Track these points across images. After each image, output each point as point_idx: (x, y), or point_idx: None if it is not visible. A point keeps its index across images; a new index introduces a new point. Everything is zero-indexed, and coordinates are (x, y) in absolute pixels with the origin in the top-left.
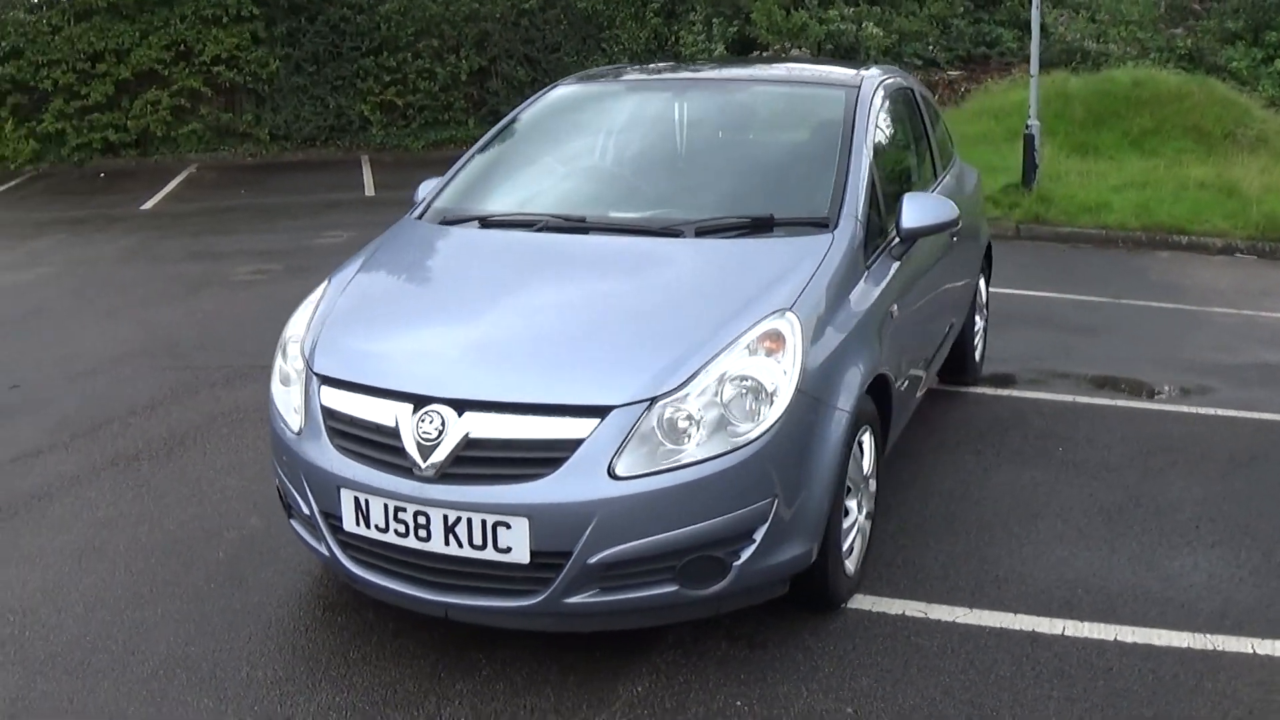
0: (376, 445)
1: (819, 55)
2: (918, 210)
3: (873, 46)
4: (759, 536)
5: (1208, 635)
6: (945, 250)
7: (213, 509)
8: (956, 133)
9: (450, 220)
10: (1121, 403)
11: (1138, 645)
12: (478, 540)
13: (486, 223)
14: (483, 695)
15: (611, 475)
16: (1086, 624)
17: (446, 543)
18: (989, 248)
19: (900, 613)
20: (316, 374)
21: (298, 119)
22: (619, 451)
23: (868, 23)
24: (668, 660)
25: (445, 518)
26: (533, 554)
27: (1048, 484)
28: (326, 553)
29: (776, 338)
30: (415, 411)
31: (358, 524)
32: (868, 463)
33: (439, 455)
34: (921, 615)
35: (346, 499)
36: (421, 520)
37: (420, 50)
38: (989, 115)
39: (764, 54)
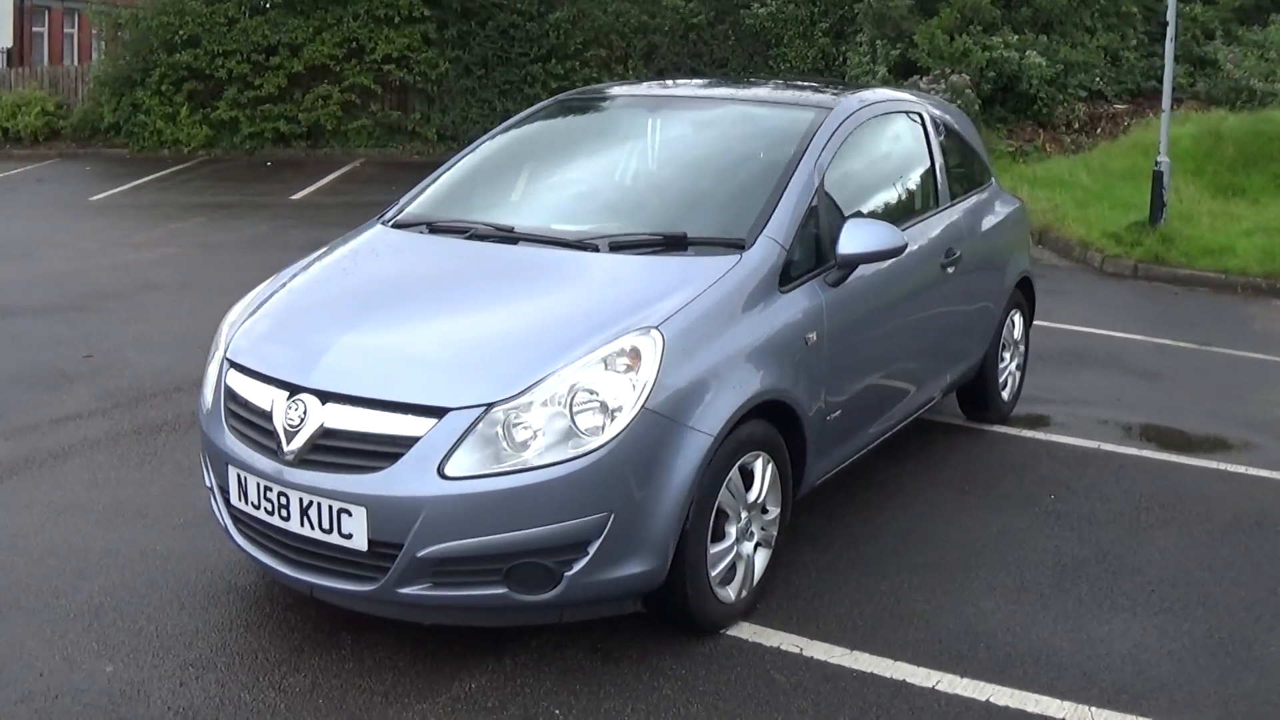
0: (256, 427)
1: (979, 83)
2: (856, 237)
3: (1035, 76)
4: (592, 550)
5: (1090, 708)
6: (937, 281)
7: (198, 480)
8: (1105, 167)
9: (405, 224)
10: (1147, 453)
11: (1007, 709)
12: (325, 525)
13: (433, 228)
14: (329, 672)
15: (441, 474)
16: (965, 680)
17: (302, 524)
18: (1027, 281)
19: (776, 645)
20: (226, 357)
21: (465, 120)
22: (451, 452)
23: (1031, 51)
24: (517, 662)
25: (301, 500)
26: (370, 542)
27: (1016, 532)
28: (222, 523)
29: (634, 354)
30: (288, 399)
31: (240, 499)
32: (758, 490)
33: (298, 441)
34: (796, 651)
35: (233, 475)
36: (283, 501)
37: (588, 59)
38: (1140, 150)
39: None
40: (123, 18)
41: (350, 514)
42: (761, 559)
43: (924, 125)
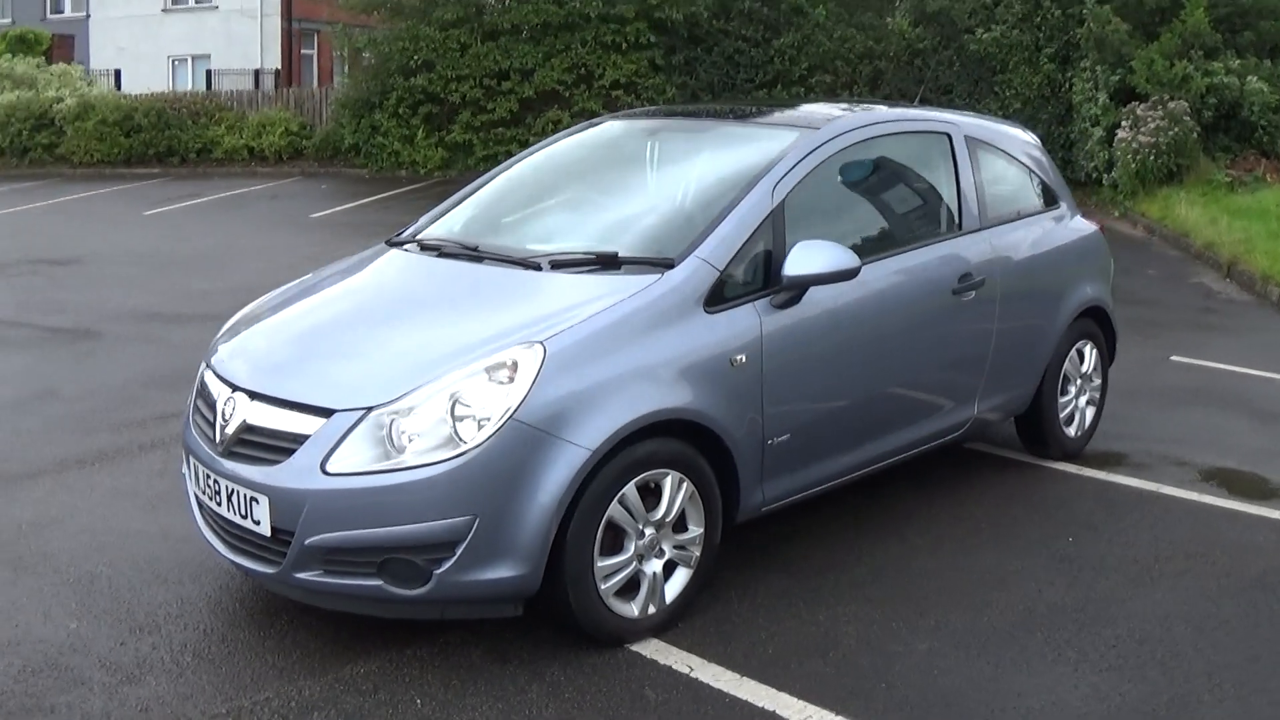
0: (207, 421)
1: (1199, 110)
2: (804, 259)
3: (1256, 103)
4: (459, 550)
5: None
6: (943, 308)
7: None
8: None
9: (401, 242)
10: (1207, 499)
11: None
12: (242, 510)
13: (422, 246)
14: (249, 645)
15: (323, 470)
16: (837, 719)
17: (228, 509)
18: (1101, 313)
19: (669, 664)
20: (207, 361)
21: None
22: (333, 450)
23: (1253, 77)
24: (416, 653)
25: (226, 487)
26: (273, 529)
27: (1004, 575)
28: (190, 507)
29: (514, 366)
30: (228, 396)
31: (195, 484)
32: (666, 508)
33: (226, 433)
34: (685, 671)
35: (191, 463)
36: (215, 488)
37: (813, 85)
38: None
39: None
40: (360, 42)
41: (258, 502)
42: (681, 578)
43: (951, 146)
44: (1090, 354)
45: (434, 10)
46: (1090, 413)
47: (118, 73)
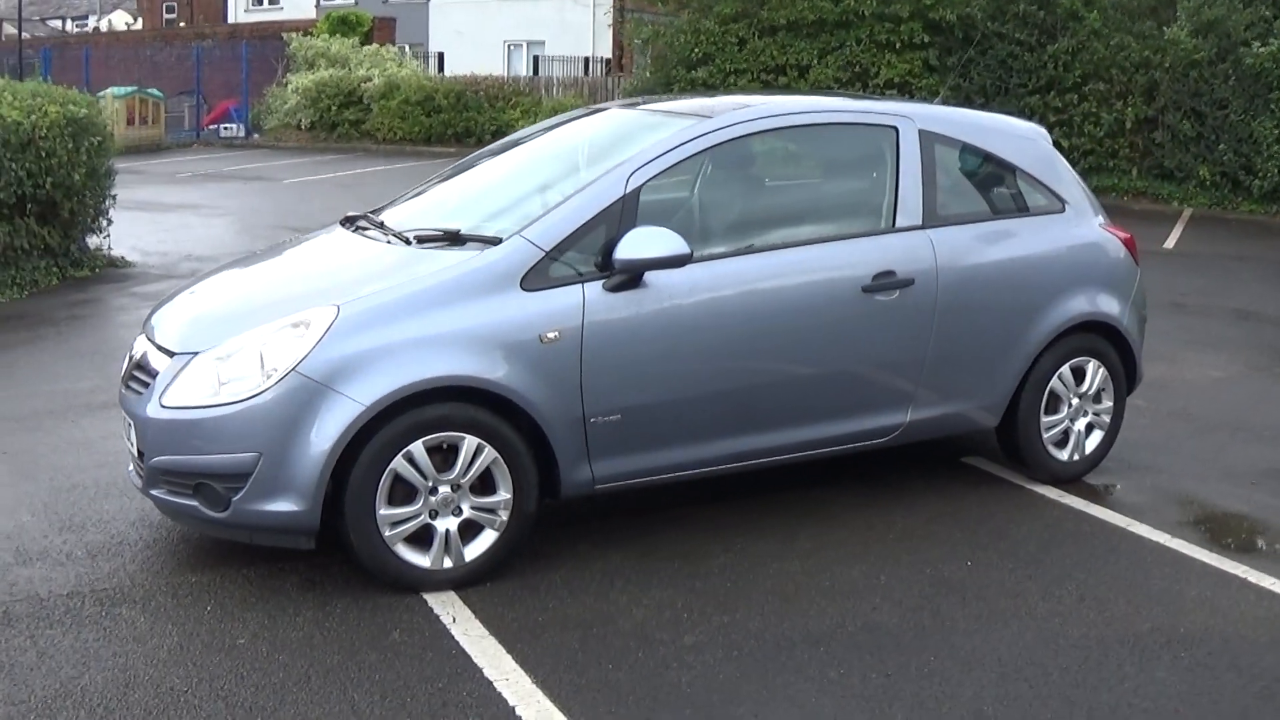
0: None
1: None
2: (633, 244)
3: None
4: (249, 483)
5: None
6: (849, 306)
7: None
8: None
9: (349, 220)
10: (1176, 543)
11: None
12: (129, 435)
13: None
14: (143, 554)
15: (160, 403)
16: (531, 685)
17: (125, 434)
18: (1110, 330)
19: (437, 614)
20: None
21: None
22: (168, 386)
23: None
24: (246, 573)
25: (124, 417)
26: (138, 450)
27: (858, 589)
28: None
29: (307, 324)
30: (138, 339)
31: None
32: (461, 470)
33: (124, 368)
34: (445, 622)
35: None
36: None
37: (1087, 94)
38: None
39: None
40: (646, 33)
41: (132, 427)
42: (487, 539)
43: (897, 140)
44: (1094, 374)
45: (715, 4)
46: (1095, 438)
47: (441, 55)
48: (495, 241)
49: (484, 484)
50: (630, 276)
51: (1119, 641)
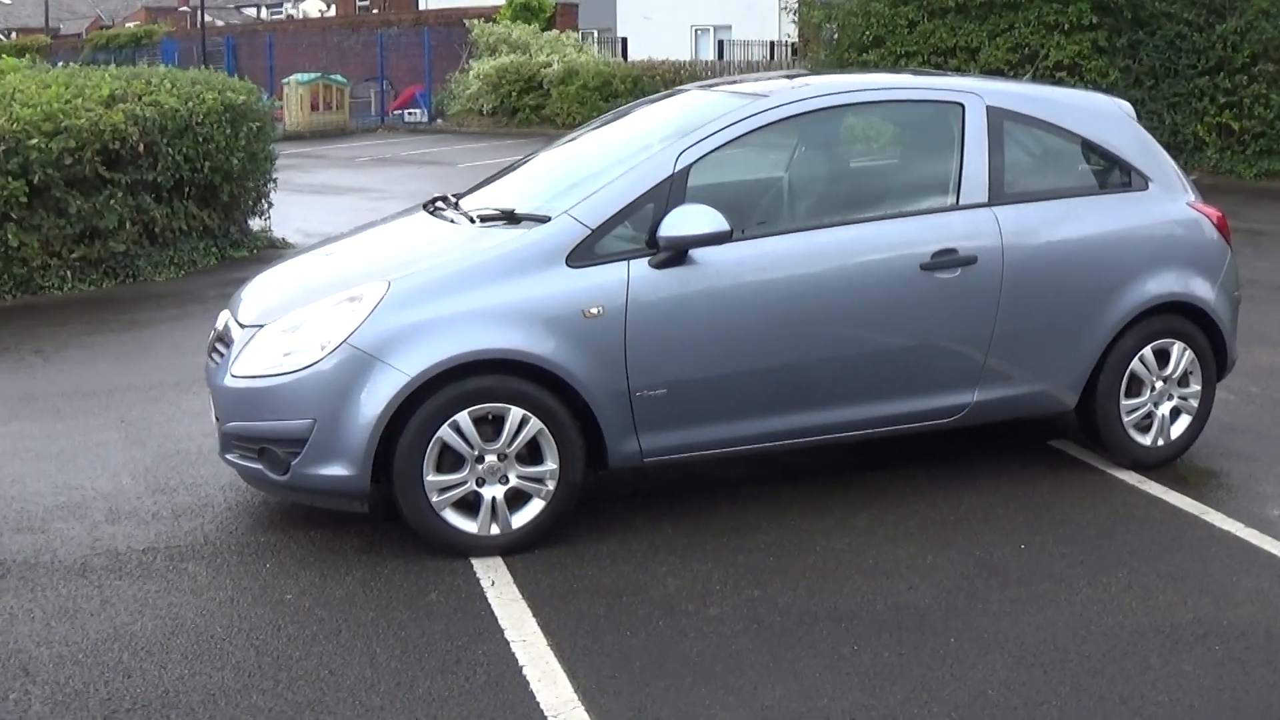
0: None
1: None
2: (676, 222)
3: None
4: (305, 448)
5: None
6: (907, 284)
7: None
8: None
9: (428, 204)
10: (1251, 534)
11: None
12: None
13: (430, 206)
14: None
15: (230, 372)
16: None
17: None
18: (1198, 312)
19: (479, 576)
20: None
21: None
22: (239, 356)
23: None
24: (312, 536)
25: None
26: (215, 417)
27: (901, 569)
28: None
29: (360, 298)
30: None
31: None
32: (507, 440)
33: (209, 339)
34: (486, 584)
35: None
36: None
37: (1256, 75)
38: None
39: None
40: (818, 16)
41: (211, 395)
42: (534, 508)
43: (963, 116)
44: (1181, 356)
45: None
46: (1181, 423)
47: (624, 41)
48: (545, 220)
49: (532, 454)
50: (675, 253)
51: (1154, 631)
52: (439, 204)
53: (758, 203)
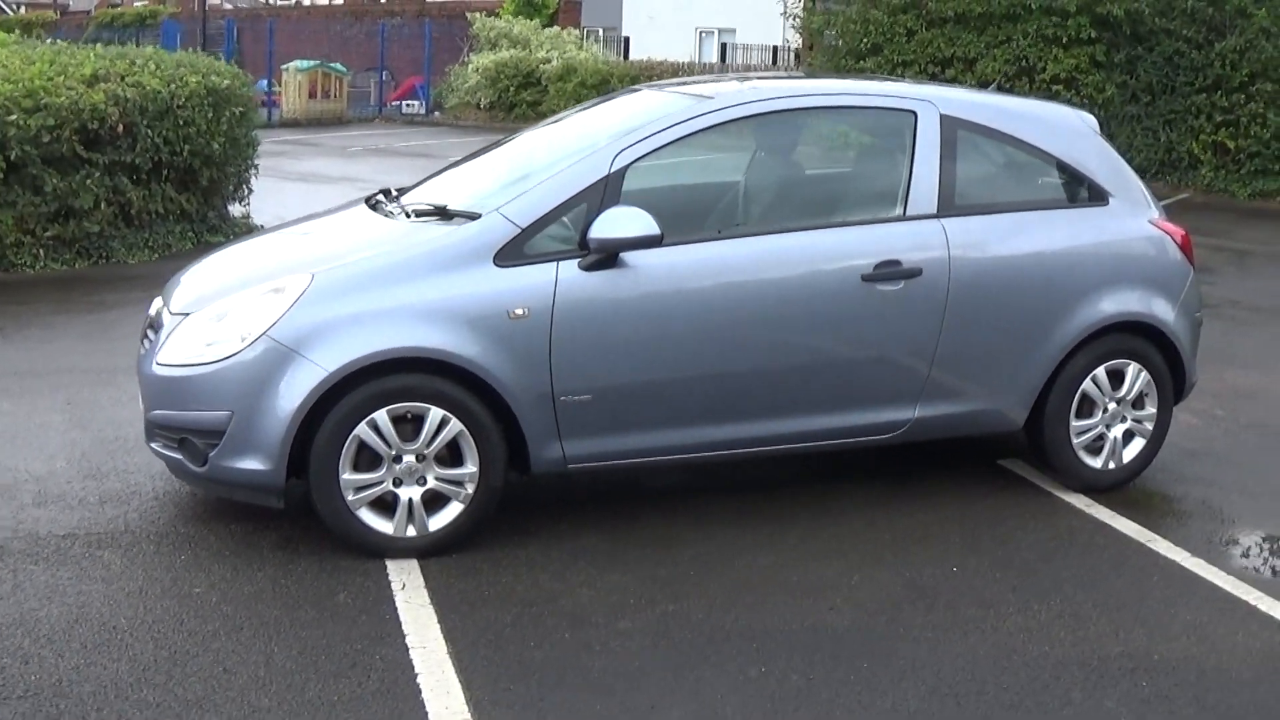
0: None
1: None
2: (607, 224)
3: None
4: (223, 440)
5: None
6: (846, 295)
7: None
8: None
9: (368, 198)
10: (1194, 563)
11: None
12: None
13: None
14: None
15: (155, 360)
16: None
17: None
18: (1156, 333)
19: (391, 579)
20: None
21: (1131, 148)
22: (164, 344)
23: None
24: (236, 529)
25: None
26: (144, 405)
27: (823, 587)
28: None
29: (282, 290)
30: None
31: None
32: (425, 440)
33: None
34: (396, 588)
35: None
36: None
37: (1254, 94)
38: None
39: None
40: (818, 22)
41: (139, 382)
42: (452, 510)
43: (915, 125)
44: (1136, 378)
45: None
46: (1135, 446)
47: (626, 40)
48: (476, 216)
49: (452, 456)
50: (605, 256)
51: (1079, 663)
52: (380, 197)
53: (699, 207)
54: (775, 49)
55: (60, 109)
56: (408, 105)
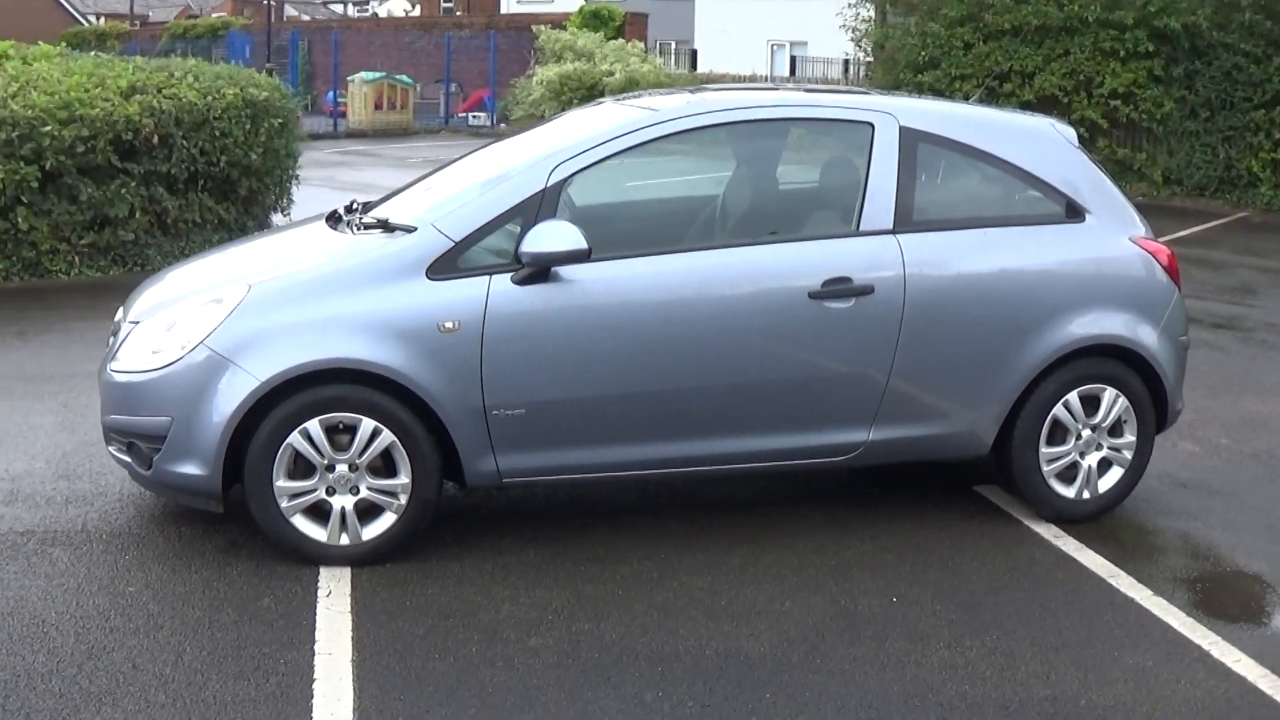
0: None
1: None
2: (538, 238)
3: None
4: (164, 445)
5: None
6: (793, 311)
7: None
8: None
9: (329, 215)
10: (1157, 608)
11: None
12: None
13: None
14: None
15: (110, 367)
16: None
17: None
18: (1135, 357)
19: (318, 586)
20: None
21: (1189, 165)
22: (117, 351)
23: None
24: (189, 531)
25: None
26: (101, 410)
27: (753, 612)
28: None
29: (221, 300)
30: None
31: None
32: (358, 451)
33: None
34: (323, 595)
35: None
36: None
37: None
38: None
39: None
40: (878, 36)
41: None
42: (385, 521)
43: (872, 138)
44: (1113, 403)
45: (941, 7)
46: (1112, 476)
47: (694, 53)
48: (410, 229)
49: (386, 467)
50: (538, 270)
51: (997, 707)
52: (339, 212)
53: (646, 222)
54: (846, 61)
55: (95, 120)
56: (474, 117)
